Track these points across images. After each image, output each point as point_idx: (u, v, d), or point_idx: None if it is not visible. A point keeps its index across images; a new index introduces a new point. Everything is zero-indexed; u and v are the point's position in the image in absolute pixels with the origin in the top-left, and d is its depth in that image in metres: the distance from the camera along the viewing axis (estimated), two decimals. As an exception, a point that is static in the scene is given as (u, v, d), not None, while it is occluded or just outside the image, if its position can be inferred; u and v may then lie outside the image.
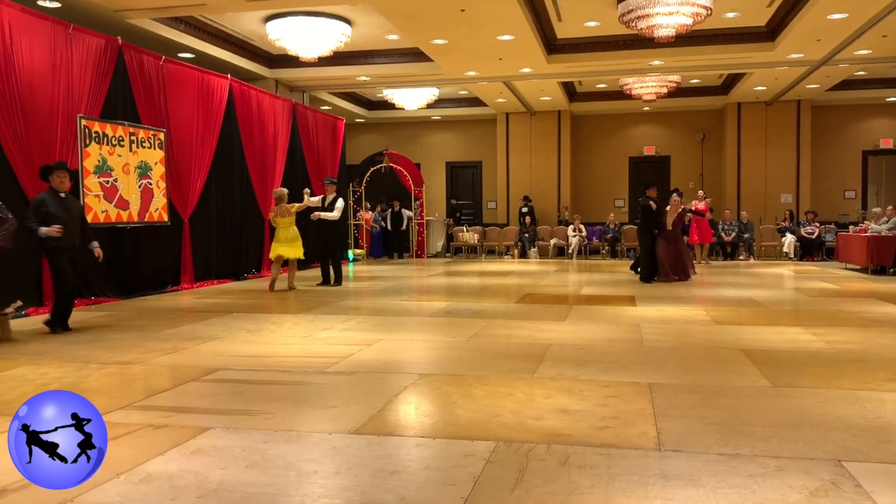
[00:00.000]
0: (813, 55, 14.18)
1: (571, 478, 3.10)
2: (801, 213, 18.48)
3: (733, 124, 19.83)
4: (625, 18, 11.35)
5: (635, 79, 16.70)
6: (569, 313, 8.21)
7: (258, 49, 14.68)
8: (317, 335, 6.86)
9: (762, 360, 5.52)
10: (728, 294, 10.14)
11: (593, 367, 5.30)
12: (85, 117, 9.35)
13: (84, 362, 5.62)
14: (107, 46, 9.79)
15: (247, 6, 11.21)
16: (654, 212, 11.87)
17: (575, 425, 3.86)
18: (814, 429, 3.77)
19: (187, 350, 6.14)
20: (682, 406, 4.22)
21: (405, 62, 15.20)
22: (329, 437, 3.70)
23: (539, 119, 20.86)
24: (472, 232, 19.62)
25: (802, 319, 7.77)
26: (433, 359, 5.79)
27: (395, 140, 21.86)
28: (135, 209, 10.29)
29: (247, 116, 13.25)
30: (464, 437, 3.66)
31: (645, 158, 21.42)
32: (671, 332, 6.87)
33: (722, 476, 3.10)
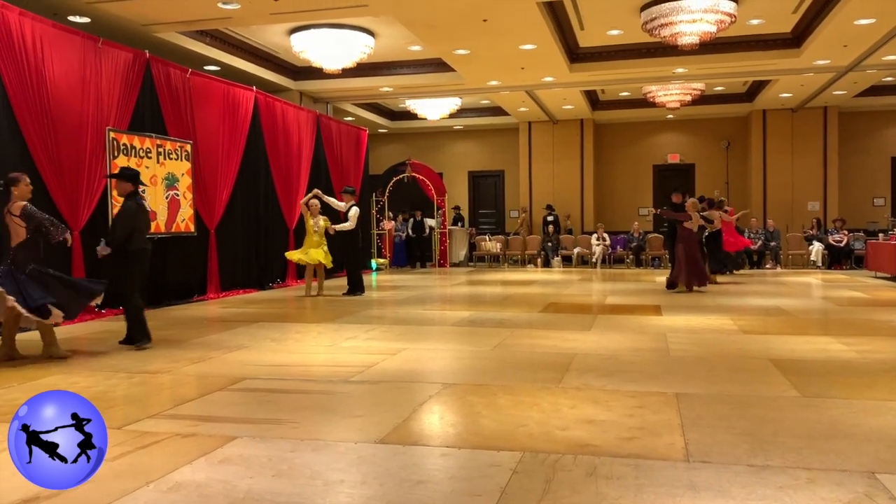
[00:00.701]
0: (840, 61, 14.02)
1: (599, 489, 3.07)
2: (828, 220, 18.22)
3: (759, 131, 19.64)
4: (648, 26, 11.32)
5: (659, 87, 16.63)
6: (594, 323, 8.17)
7: (283, 61, 14.83)
8: (341, 344, 6.88)
9: (791, 369, 5.45)
10: (755, 303, 10.02)
11: (619, 377, 5.26)
12: (113, 129, 9.49)
13: (113, 371, 5.69)
14: (135, 60, 9.95)
15: (271, 19, 11.34)
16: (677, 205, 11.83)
17: (601, 436, 3.83)
18: (846, 440, 3.71)
19: (214, 359, 6.19)
20: (710, 416, 4.18)
21: (427, 72, 15.27)
22: (355, 446, 3.71)
23: (561, 128, 20.82)
24: (495, 241, 19.60)
25: (832, 329, 7.65)
26: (457, 368, 5.79)
27: (418, 150, 21.94)
28: (162, 220, 10.42)
29: (272, 128, 13.38)
30: (489, 448, 3.65)
31: (669, 167, 21.27)
32: (698, 342, 6.80)
33: (752, 488, 3.06)
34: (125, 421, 4.18)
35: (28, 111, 8.28)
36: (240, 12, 10.69)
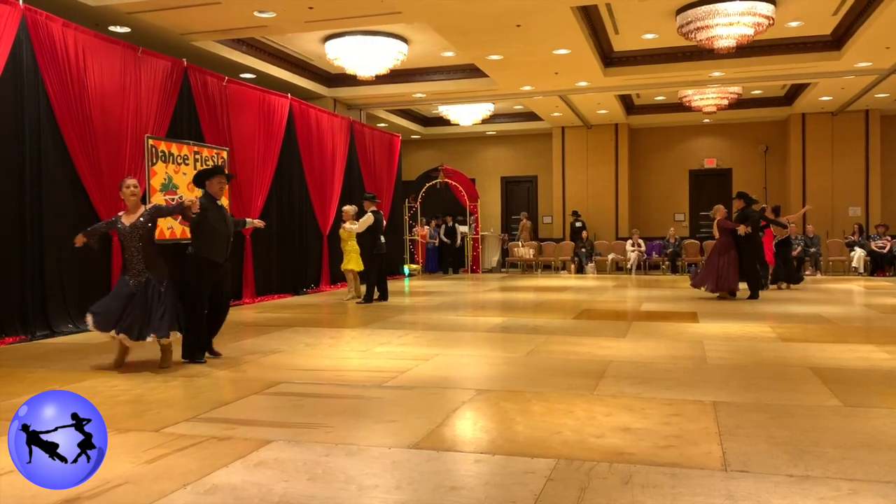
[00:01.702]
0: (882, 63, 13.72)
1: (634, 497, 3.03)
2: (870, 226, 17.81)
3: (798, 136, 19.30)
4: (683, 30, 11.20)
5: (695, 91, 16.44)
6: (628, 330, 8.08)
7: (317, 68, 14.98)
8: (374, 349, 6.91)
9: (832, 378, 5.33)
10: (794, 310, 9.83)
11: (655, 385, 5.20)
12: (152, 137, 9.67)
13: (150, 375, 5.78)
14: (173, 68, 10.13)
15: (306, 27, 11.47)
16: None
17: (637, 444, 3.78)
18: (890, 451, 3.61)
19: (250, 363, 6.25)
20: (748, 425, 4.10)
21: (460, 78, 15.30)
22: (389, 451, 3.71)
23: (595, 133, 20.69)
24: (528, 247, 19.53)
25: (874, 337, 7.47)
26: (491, 374, 5.77)
27: (451, 156, 21.97)
28: (199, 226, 10.56)
29: (306, 134, 13.51)
30: (523, 454, 3.62)
31: (706, 171, 21.00)
32: (736, 350, 6.69)
33: (792, 498, 2.99)
34: (163, 424, 4.24)
35: (70, 119, 8.47)
36: (275, 20, 10.83)
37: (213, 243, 6.31)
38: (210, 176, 6.41)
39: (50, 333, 8.05)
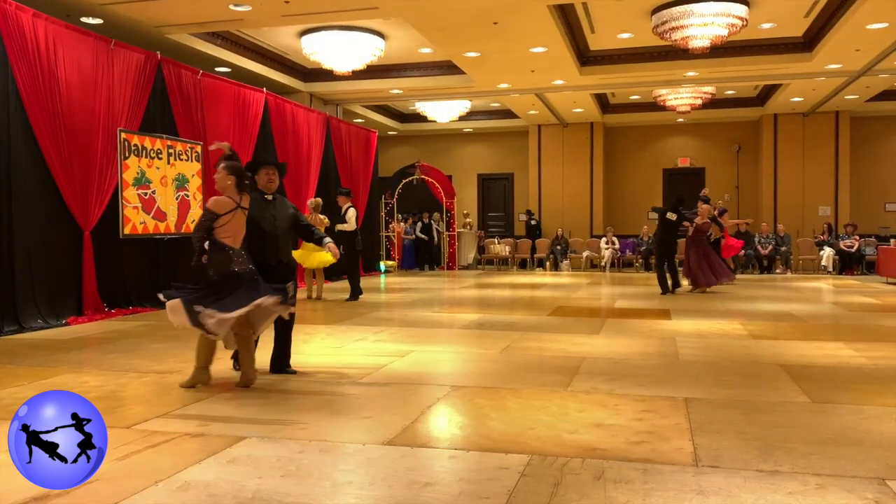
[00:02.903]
0: (852, 65, 13.95)
1: (607, 492, 3.07)
2: (839, 225, 18.12)
3: (769, 136, 19.56)
4: (659, 30, 11.29)
5: (669, 90, 16.58)
6: (602, 326, 8.15)
7: (293, 63, 14.88)
8: (349, 346, 6.89)
9: (801, 375, 5.42)
10: (765, 308, 9.97)
11: (628, 381, 5.25)
12: (125, 130, 9.55)
13: (122, 371, 5.72)
14: (146, 61, 10.00)
15: (282, 21, 11.39)
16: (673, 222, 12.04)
17: (610, 439, 3.82)
18: (856, 446, 3.68)
19: (223, 359, 6.19)
20: (719, 421, 4.16)
21: (438, 75, 15.28)
22: (363, 447, 3.71)
23: (571, 131, 20.80)
24: (504, 244, 19.59)
25: (842, 334, 7.61)
26: (466, 371, 5.79)
27: (427, 152, 21.95)
28: (172, 221, 10.47)
29: (282, 129, 13.42)
30: (498, 450, 3.64)
31: (679, 170, 21.20)
32: (707, 347, 6.78)
33: (761, 493, 3.04)
34: (135, 420, 4.20)
35: (40, 111, 8.33)
36: (251, 14, 10.73)
37: (257, 242, 5.45)
38: (255, 169, 5.59)
39: (18, 329, 7.92)
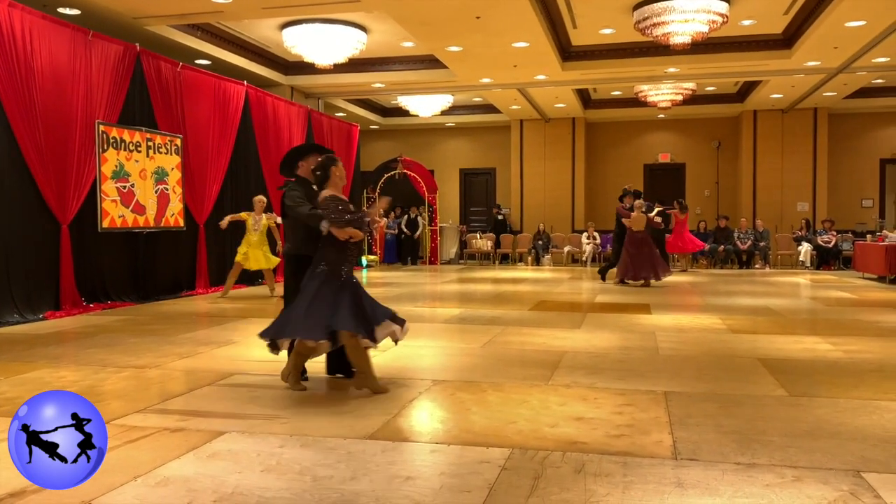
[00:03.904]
0: (830, 63, 14.09)
1: (587, 485, 3.08)
2: (817, 221, 18.33)
3: (749, 132, 19.72)
4: (640, 25, 11.33)
5: (650, 86, 16.66)
6: (583, 321, 8.19)
7: (274, 56, 14.77)
8: (331, 341, 6.86)
9: (779, 369, 5.48)
10: (744, 303, 10.07)
11: (608, 375, 5.28)
12: (103, 123, 9.44)
13: (101, 366, 5.66)
14: (125, 53, 9.89)
15: (263, 13, 11.29)
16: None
17: (590, 433, 3.84)
18: (832, 439, 3.73)
19: (203, 354, 6.17)
20: (698, 415, 4.19)
21: (420, 69, 15.24)
22: (344, 441, 3.70)
23: (553, 126, 20.84)
24: (486, 239, 19.61)
25: (819, 329, 7.70)
26: (447, 365, 5.79)
27: (410, 147, 21.91)
28: (151, 214, 10.37)
29: (262, 122, 13.34)
30: (479, 444, 3.65)
31: (660, 166, 21.33)
32: (687, 341, 6.83)
33: (739, 486, 3.07)
34: (113, 415, 4.16)
35: (16, 103, 8.22)
36: (231, 6, 10.64)
37: (313, 239, 4.99)
38: (304, 155, 5.19)
39: (-6, 323, 7.82)
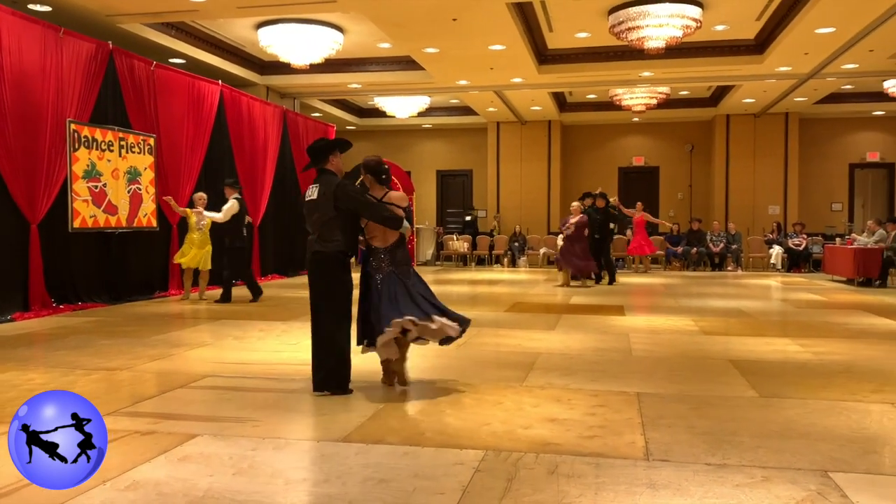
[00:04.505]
0: (801, 68, 14.31)
1: (560, 487, 3.10)
2: (788, 224, 18.60)
3: (722, 136, 19.96)
4: (615, 30, 11.42)
5: (625, 90, 16.79)
6: (558, 322, 8.23)
7: (249, 55, 14.67)
8: (305, 343, 6.79)
9: (750, 370, 5.55)
10: (716, 305, 10.18)
11: (582, 377, 5.31)
12: (74, 121, 9.31)
13: (70, 368, 5.58)
14: (97, 51, 9.76)
15: (238, 13, 11.21)
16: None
17: (564, 434, 3.86)
18: (801, 439, 3.79)
19: (175, 356, 6.10)
20: (670, 416, 4.23)
21: (397, 70, 15.22)
22: (318, 444, 3.69)
23: (529, 128, 20.93)
24: (462, 240, 19.63)
25: (790, 330, 7.81)
26: (422, 367, 5.78)
27: (386, 148, 21.86)
28: (123, 214, 10.24)
29: (237, 122, 13.23)
30: (453, 446, 3.65)
31: (634, 169, 21.51)
32: (660, 342, 6.89)
33: (709, 486, 3.11)
34: (82, 418, 4.10)
35: (-15, 101, 8.08)
36: (206, 5, 10.55)
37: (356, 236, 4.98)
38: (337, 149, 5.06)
39: (-39, 325, 7.68)
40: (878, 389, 4.92)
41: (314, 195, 4.88)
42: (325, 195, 4.82)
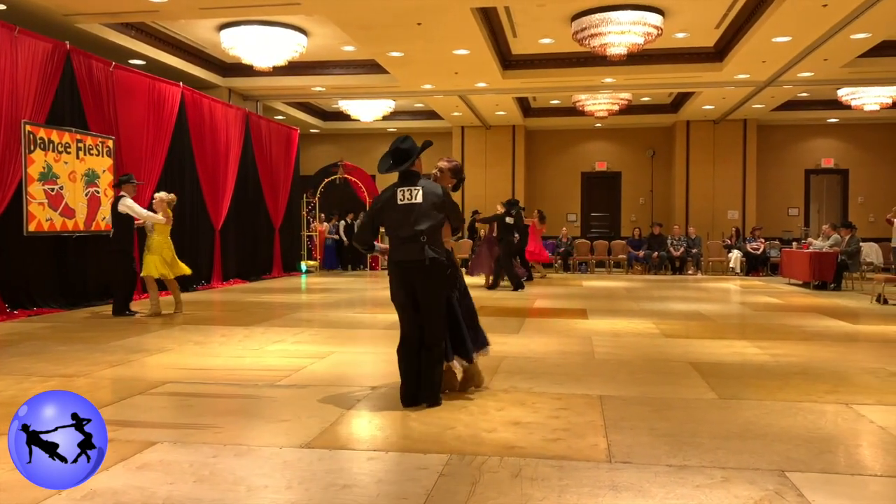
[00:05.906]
0: (758, 76, 14.62)
1: (524, 490, 3.11)
2: (746, 229, 18.97)
3: (682, 142, 20.28)
4: (578, 36, 11.55)
5: (588, 96, 16.97)
6: (522, 326, 8.27)
7: (211, 57, 14.50)
8: (268, 348, 6.76)
9: (710, 372, 5.64)
10: (677, 308, 10.33)
11: (546, 380, 5.34)
12: (29, 123, 9.09)
13: (25, 375, 5.44)
14: (54, 51, 9.56)
15: (200, 14, 11.08)
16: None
17: (527, 437, 3.88)
18: (758, 440, 3.86)
19: (134, 362, 5.99)
20: (632, 418, 4.28)
21: (361, 74, 15.19)
22: (280, 451, 3.65)
23: (494, 133, 21.03)
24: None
25: (748, 333, 7.95)
26: (387, 371, 5.75)
27: (351, 151, 21.77)
28: (81, 218, 10.03)
29: (198, 125, 13.06)
30: (417, 451, 3.65)
31: (597, 174, 21.75)
32: (622, 345, 6.97)
33: (670, 487, 3.15)
34: (37, 427, 4.00)
35: (-64, 100, 7.86)
36: (168, 6, 10.40)
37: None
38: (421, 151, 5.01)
39: None
40: (833, 390, 5.04)
41: (416, 198, 4.62)
42: (432, 199, 4.62)
